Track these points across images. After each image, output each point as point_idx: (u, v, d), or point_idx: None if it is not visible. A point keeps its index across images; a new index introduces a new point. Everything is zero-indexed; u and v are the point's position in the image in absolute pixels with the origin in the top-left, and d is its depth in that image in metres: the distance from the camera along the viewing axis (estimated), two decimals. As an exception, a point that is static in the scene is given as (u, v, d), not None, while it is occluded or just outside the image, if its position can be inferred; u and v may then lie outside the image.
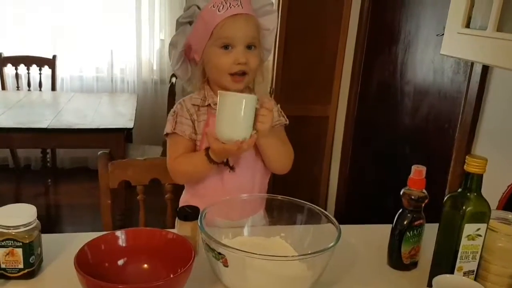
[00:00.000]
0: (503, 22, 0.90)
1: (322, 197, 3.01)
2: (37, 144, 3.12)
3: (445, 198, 0.91)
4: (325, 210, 3.09)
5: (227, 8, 1.10)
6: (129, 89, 4.03)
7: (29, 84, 3.73)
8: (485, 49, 0.94)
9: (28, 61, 3.69)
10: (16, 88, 3.74)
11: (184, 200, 1.32)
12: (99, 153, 1.46)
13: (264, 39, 1.22)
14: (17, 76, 3.71)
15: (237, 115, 1.04)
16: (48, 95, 3.59)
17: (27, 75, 3.71)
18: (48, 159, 3.82)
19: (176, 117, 1.21)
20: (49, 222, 3.23)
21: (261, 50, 1.21)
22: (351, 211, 2.76)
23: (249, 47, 1.15)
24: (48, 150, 3.79)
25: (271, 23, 1.21)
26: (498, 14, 0.90)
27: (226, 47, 1.13)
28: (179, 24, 1.19)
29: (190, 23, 1.16)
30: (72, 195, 3.62)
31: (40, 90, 3.73)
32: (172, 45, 1.19)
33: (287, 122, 1.30)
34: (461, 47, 1.01)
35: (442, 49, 1.07)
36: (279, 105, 1.31)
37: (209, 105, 1.20)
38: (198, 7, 1.13)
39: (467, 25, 1.00)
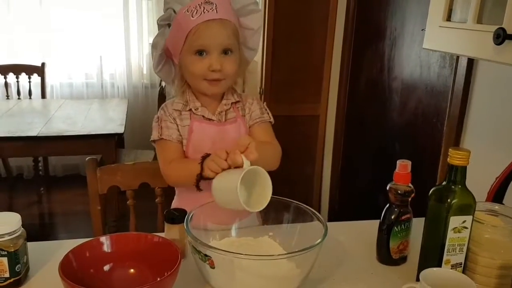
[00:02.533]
0: (482, 14, 0.91)
1: (315, 195, 3.02)
2: (27, 153, 3.10)
3: (430, 192, 0.91)
4: (319, 207, 3.09)
5: (201, 13, 1.08)
6: (119, 94, 4.02)
7: (18, 93, 3.71)
8: (466, 41, 0.94)
9: (17, 69, 3.67)
10: (6, 97, 3.71)
11: (175, 205, 1.31)
12: (87, 158, 1.45)
13: (249, 39, 1.20)
14: (6, 85, 3.69)
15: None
16: (38, 103, 3.57)
17: (16, 83, 3.69)
18: (40, 168, 3.80)
19: (160, 122, 1.20)
20: (44, 230, 3.22)
21: (240, 53, 1.19)
22: (345, 208, 2.76)
23: (225, 52, 1.13)
24: (40, 159, 3.77)
25: (256, 22, 1.18)
26: (478, 6, 0.90)
27: (200, 53, 1.12)
28: (159, 25, 1.18)
29: (169, 25, 1.15)
30: (65, 203, 3.60)
31: (30, 98, 3.71)
32: (153, 46, 1.17)
33: (272, 120, 1.28)
34: (442, 40, 1.01)
35: (425, 43, 1.07)
36: (265, 103, 1.30)
37: (190, 109, 1.19)
38: (174, 11, 1.12)
39: (448, 18, 1.00)
